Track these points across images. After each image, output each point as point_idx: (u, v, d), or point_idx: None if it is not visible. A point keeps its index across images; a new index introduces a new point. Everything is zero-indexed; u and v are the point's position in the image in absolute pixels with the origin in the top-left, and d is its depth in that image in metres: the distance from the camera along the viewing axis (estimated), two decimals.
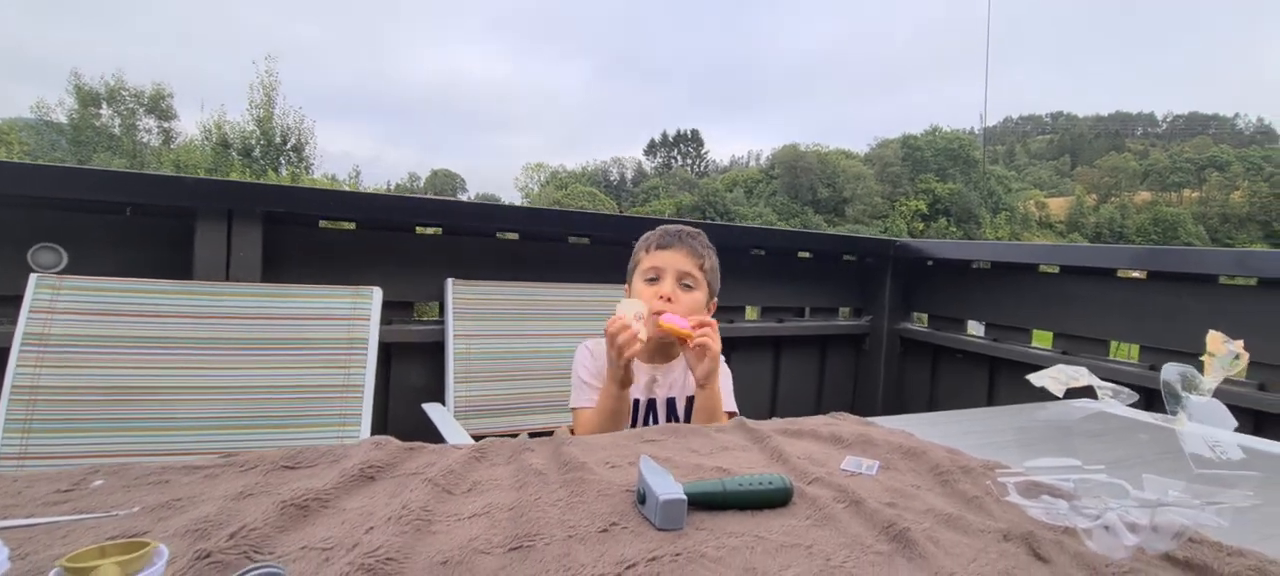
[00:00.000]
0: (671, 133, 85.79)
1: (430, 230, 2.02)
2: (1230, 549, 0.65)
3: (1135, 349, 2.05)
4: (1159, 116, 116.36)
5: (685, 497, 0.66)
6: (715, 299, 1.31)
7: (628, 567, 0.56)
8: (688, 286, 1.24)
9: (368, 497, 0.69)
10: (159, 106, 33.40)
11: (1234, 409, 0.93)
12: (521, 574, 0.56)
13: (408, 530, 0.60)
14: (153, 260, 1.62)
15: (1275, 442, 1.20)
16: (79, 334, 1.27)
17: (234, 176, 19.53)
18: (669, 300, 1.20)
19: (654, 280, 1.24)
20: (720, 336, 1.15)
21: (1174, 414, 0.80)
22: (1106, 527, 0.65)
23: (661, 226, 1.30)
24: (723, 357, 1.33)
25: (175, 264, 1.62)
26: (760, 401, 2.61)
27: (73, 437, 1.22)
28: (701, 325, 1.13)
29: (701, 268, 1.25)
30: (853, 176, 61.30)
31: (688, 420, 1.28)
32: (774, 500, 0.72)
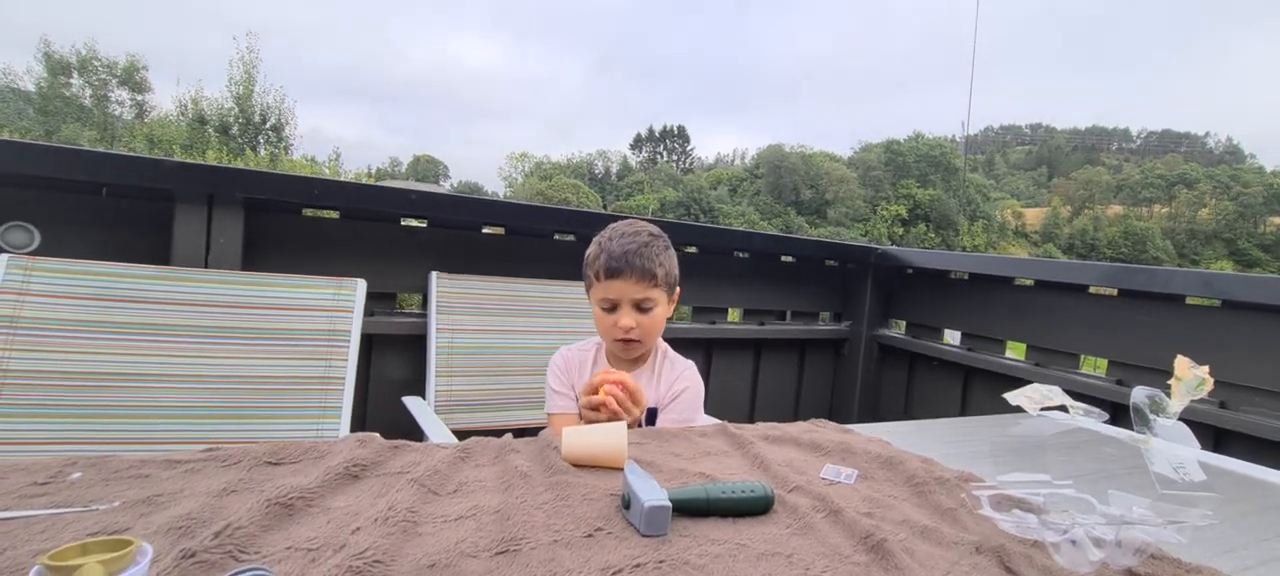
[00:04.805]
0: (658, 128, 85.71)
1: (415, 222, 2.01)
2: (1188, 566, 0.68)
3: (1104, 363, 2.11)
4: (1134, 132, 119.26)
5: (670, 504, 0.67)
6: (678, 287, 1.28)
7: (613, 574, 0.57)
8: (646, 309, 1.21)
9: (353, 497, 0.69)
10: (133, 79, 32.43)
11: (1195, 425, 0.96)
12: None
13: (395, 531, 0.60)
14: (129, 244, 1.58)
15: (1233, 459, 1.25)
16: (51, 317, 1.24)
17: (211, 154, 19.04)
18: (631, 328, 1.19)
19: (611, 309, 1.21)
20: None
21: (1142, 435, 0.84)
22: (1073, 542, 0.68)
23: (606, 243, 1.21)
24: (694, 367, 1.32)
25: (153, 248, 1.58)
26: (740, 403, 2.63)
27: (44, 424, 1.20)
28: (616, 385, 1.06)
29: (655, 282, 1.20)
30: (836, 179, 61.80)
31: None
32: (756, 508, 0.73)
